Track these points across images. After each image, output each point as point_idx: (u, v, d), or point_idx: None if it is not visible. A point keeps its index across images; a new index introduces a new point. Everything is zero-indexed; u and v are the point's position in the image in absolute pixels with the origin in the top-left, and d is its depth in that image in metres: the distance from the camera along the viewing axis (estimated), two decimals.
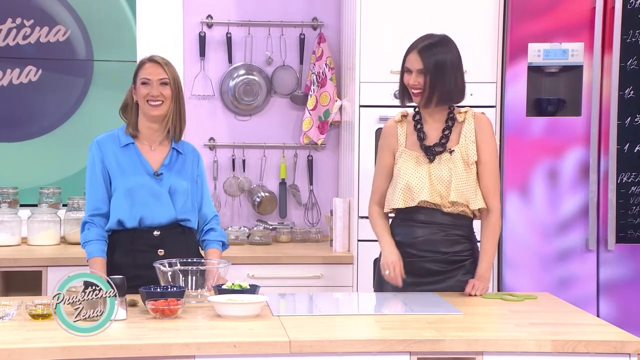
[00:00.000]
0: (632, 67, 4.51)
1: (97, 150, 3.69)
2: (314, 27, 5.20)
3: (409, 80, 3.60)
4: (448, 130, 3.64)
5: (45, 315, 3.07)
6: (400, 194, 3.61)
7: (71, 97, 5.04)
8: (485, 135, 3.65)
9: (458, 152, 3.61)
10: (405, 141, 3.68)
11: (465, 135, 3.63)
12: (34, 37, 4.95)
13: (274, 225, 5.16)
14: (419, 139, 3.65)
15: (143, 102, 3.65)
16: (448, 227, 3.63)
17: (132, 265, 3.58)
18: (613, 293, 4.55)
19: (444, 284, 3.63)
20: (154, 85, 3.64)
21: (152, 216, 3.64)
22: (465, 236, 3.67)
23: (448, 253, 3.63)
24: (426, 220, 3.62)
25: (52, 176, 5.14)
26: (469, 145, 3.62)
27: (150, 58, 3.70)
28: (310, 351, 2.84)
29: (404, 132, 3.69)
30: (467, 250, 3.66)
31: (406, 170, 3.62)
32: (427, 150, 3.63)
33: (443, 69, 3.58)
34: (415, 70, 3.59)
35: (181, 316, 3.14)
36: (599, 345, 2.91)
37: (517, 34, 4.52)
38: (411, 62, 3.60)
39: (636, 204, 4.54)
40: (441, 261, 3.63)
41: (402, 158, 3.65)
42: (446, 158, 3.61)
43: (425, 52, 3.59)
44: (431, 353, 2.89)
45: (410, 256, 3.63)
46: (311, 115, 5.08)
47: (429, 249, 3.63)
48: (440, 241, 3.63)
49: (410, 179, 3.60)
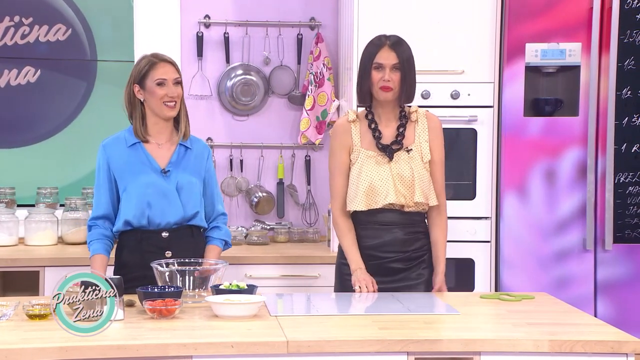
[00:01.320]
0: (629, 67, 4.51)
1: (103, 154, 3.67)
2: (312, 27, 5.20)
3: (383, 76, 3.62)
4: (403, 128, 3.69)
5: (42, 316, 3.07)
6: (363, 196, 3.64)
7: (72, 100, 4.93)
8: (438, 134, 3.74)
9: (415, 150, 3.64)
10: (360, 140, 3.70)
11: (419, 134, 3.69)
12: (33, 36, 4.83)
13: (272, 225, 5.16)
14: (375, 137, 3.68)
15: (159, 104, 3.59)
16: (408, 226, 3.69)
17: (140, 266, 3.58)
18: (610, 293, 4.55)
19: (406, 281, 3.69)
20: (170, 85, 3.60)
21: (160, 215, 3.63)
22: (422, 232, 3.75)
23: (409, 251, 3.71)
24: (387, 222, 3.68)
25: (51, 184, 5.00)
26: (422, 144, 3.69)
27: (161, 57, 3.64)
28: (307, 351, 2.84)
29: (358, 131, 3.71)
30: (424, 245, 3.74)
31: (367, 170, 3.64)
32: (385, 149, 3.65)
33: (411, 65, 3.68)
34: (390, 66, 3.63)
35: (179, 316, 3.14)
36: (597, 345, 2.91)
37: (514, 34, 4.52)
38: (384, 58, 3.64)
39: (633, 204, 4.54)
40: (403, 259, 3.70)
41: (360, 158, 3.68)
42: (404, 157, 3.65)
43: (398, 48, 3.66)
44: (429, 353, 2.89)
45: (375, 258, 3.70)
46: (309, 115, 5.07)
47: (393, 249, 3.69)
48: (402, 241, 3.69)
49: (373, 180, 3.63)
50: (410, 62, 3.68)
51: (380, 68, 3.64)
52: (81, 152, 4.71)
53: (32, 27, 4.73)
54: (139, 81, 3.63)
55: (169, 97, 3.59)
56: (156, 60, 3.63)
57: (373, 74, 3.65)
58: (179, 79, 3.64)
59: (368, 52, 3.69)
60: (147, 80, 3.61)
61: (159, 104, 3.60)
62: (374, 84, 3.65)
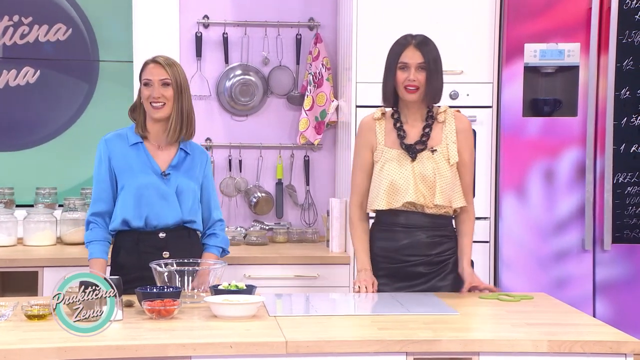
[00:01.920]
0: (628, 68, 4.51)
1: (105, 149, 3.68)
2: (311, 28, 5.20)
3: (408, 76, 3.58)
4: (429, 128, 3.65)
5: (41, 316, 3.07)
6: (384, 195, 3.60)
7: (74, 102, 4.87)
8: (467, 134, 3.69)
9: (440, 151, 3.62)
10: (384, 139, 3.68)
11: (446, 135, 3.64)
12: (33, 35, 4.78)
13: (271, 225, 5.16)
14: (399, 137, 3.65)
15: (146, 104, 3.64)
16: (430, 229, 3.64)
17: (137, 267, 3.58)
18: (609, 293, 4.55)
19: (430, 284, 3.65)
20: (155, 86, 3.62)
21: (158, 216, 3.64)
22: (447, 236, 3.68)
23: (432, 255, 3.65)
24: (407, 224, 3.63)
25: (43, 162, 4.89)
26: (450, 145, 3.63)
27: (153, 59, 3.68)
28: (306, 352, 2.84)
29: (383, 129, 3.69)
30: (450, 249, 3.69)
31: (389, 169, 3.61)
32: (408, 149, 3.63)
33: (438, 65, 3.62)
34: (415, 65, 3.58)
35: (177, 317, 3.14)
36: (595, 345, 2.91)
37: (513, 34, 4.52)
38: (409, 57, 3.59)
39: (632, 204, 4.54)
40: (426, 263, 3.65)
41: (384, 156, 3.64)
42: (427, 156, 3.61)
43: (424, 47, 3.61)
44: (427, 353, 2.89)
45: (396, 262, 3.65)
46: (308, 116, 5.07)
47: (414, 253, 3.64)
48: (424, 244, 3.64)
49: (394, 178, 3.59)
50: (437, 62, 3.61)
51: (405, 68, 3.58)
52: (82, 155, 4.65)
53: (31, 27, 4.68)
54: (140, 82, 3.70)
55: (153, 98, 3.62)
56: (149, 61, 3.69)
57: (398, 74, 3.59)
58: (167, 80, 3.63)
59: (393, 51, 3.63)
60: (140, 80, 3.68)
61: (146, 103, 3.65)
62: (399, 84, 3.60)
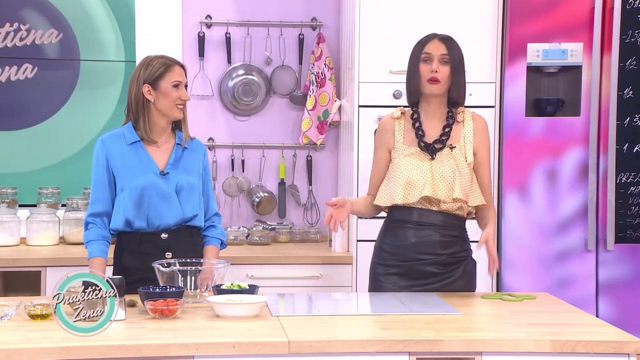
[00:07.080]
0: (631, 67, 4.51)
1: (102, 149, 3.67)
2: (313, 27, 5.20)
3: (431, 67, 3.57)
4: (449, 128, 3.64)
5: (44, 316, 3.07)
6: (401, 190, 3.59)
7: (61, 92, 5.36)
8: (485, 134, 3.69)
9: (459, 150, 3.61)
10: (402, 138, 3.67)
11: (464, 135, 3.64)
12: (30, 39, 5.32)
13: (273, 225, 5.16)
14: (418, 136, 3.65)
15: (171, 105, 3.63)
16: (442, 228, 3.62)
17: (141, 269, 3.58)
18: (612, 293, 4.55)
19: (441, 284, 3.63)
20: (183, 88, 3.66)
21: (159, 217, 3.64)
22: (459, 236, 3.67)
23: (444, 254, 3.63)
24: (420, 222, 3.62)
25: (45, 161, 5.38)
26: (467, 145, 3.63)
27: (175, 60, 3.69)
28: (309, 351, 2.84)
29: (402, 128, 3.68)
30: (462, 250, 3.67)
31: (407, 165, 3.60)
32: (427, 148, 3.62)
33: (462, 63, 3.63)
34: (438, 56, 3.57)
35: (180, 316, 3.14)
36: (598, 345, 2.91)
37: (516, 34, 4.52)
38: (433, 49, 3.58)
39: (635, 204, 4.54)
40: (438, 263, 3.63)
41: (402, 154, 3.64)
42: (446, 154, 3.60)
43: (448, 42, 3.61)
44: (430, 353, 2.89)
45: (407, 259, 3.63)
46: (310, 116, 5.07)
47: (426, 251, 3.62)
48: (436, 243, 3.62)
49: (412, 175, 3.58)
50: (461, 60, 3.61)
51: (428, 60, 3.58)
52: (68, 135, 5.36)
53: (29, 32, 5.32)
54: (151, 82, 3.63)
55: (182, 100, 3.64)
56: (171, 62, 3.67)
57: (421, 67, 3.59)
58: (187, 83, 3.71)
59: (417, 46, 3.64)
60: (161, 81, 3.62)
61: (171, 105, 3.63)
62: (422, 77, 3.59)
